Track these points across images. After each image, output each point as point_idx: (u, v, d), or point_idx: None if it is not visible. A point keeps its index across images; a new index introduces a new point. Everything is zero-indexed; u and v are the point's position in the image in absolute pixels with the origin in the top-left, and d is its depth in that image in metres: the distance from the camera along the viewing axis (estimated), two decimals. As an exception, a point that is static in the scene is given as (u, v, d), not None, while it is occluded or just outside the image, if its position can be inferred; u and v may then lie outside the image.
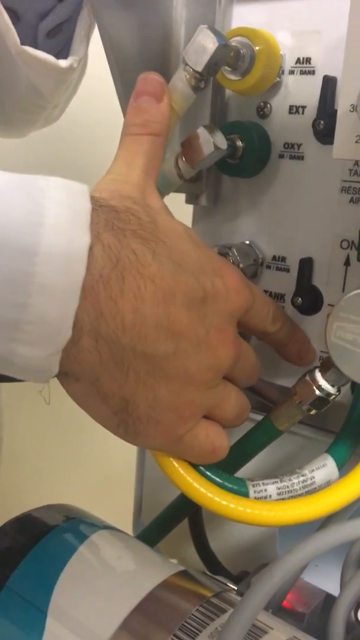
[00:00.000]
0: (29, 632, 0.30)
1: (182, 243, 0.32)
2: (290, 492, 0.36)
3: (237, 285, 0.34)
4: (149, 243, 0.29)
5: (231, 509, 0.34)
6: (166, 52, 0.41)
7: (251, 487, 0.35)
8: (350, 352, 0.33)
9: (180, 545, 0.49)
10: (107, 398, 0.30)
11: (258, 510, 0.34)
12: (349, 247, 0.39)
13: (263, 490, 0.35)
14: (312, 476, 0.36)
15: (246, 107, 0.42)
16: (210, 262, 0.33)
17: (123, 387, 0.29)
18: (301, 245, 0.41)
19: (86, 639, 0.30)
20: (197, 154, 0.37)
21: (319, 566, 0.49)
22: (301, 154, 0.40)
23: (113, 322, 0.28)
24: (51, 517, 0.36)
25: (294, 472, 0.36)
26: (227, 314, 0.33)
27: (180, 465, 0.34)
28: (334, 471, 0.36)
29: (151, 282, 0.29)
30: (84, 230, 0.26)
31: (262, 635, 0.29)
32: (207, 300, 0.32)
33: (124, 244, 0.28)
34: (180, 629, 0.30)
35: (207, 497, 0.34)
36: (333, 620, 0.34)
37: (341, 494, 0.35)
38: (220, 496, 0.34)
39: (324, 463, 0.36)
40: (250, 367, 0.36)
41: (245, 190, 0.43)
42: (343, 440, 0.37)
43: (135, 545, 0.36)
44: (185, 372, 0.31)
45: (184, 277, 0.30)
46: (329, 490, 0.35)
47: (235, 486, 0.35)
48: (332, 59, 0.38)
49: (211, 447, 0.33)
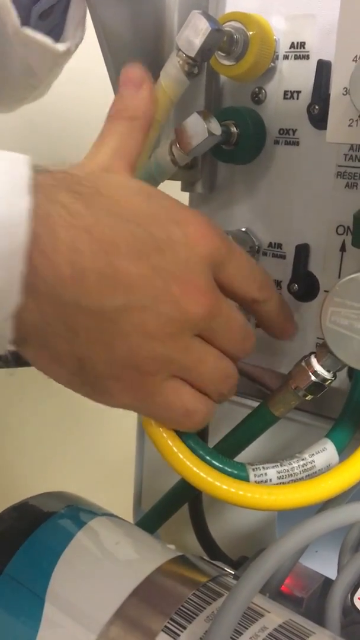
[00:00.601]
0: (27, 618, 0.31)
1: (130, 196, 0.31)
2: (290, 476, 0.36)
3: (203, 233, 0.32)
4: (82, 196, 0.29)
5: (231, 493, 0.34)
6: (159, 38, 0.41)
7: (251, 471, 0.35)
8: (346, 337, 0.33)
9: (181, 532, 0.49)
10: (62, 359, 0.29)
11: (258, 494, 0.34)
12: (345, 232, 0.39)
13: (263, 474, 0.35)
14: (312, 460, 0.36)
15: (241, 93, 0.42)
16: (168, 212, 0.32)
17: (74, 346, 0.29)
18: (297, 232, 0.41)
19: (83, 623, 0.30)
20: (191, 141, 0.37)
21: (318, 552, 0.49)
22: (296, 139, 0.40)
23: (50, 277, 0.27)
24: (49, 504, 0.37)
25: (294, 457, 0.36)
26: (192, 264, 0.31)
27: (179, 450, 0.34)
28: (334, 455, 0.36)
29: (87, 234, 0.28)
30: (22, 195, 0.26)
31: (258, 618, 0.29)
32: (163, 250, 0.30)
33: (52, 199, 0.27)
34: (176, 613, 0.30)
35: (207, 481, 0.34)
36: (329, 605, 0.34)
37: (341, 477, 0.35)
38: (221, 480, 0.34)
39: (323, 447, 0.36)
40: (233, 328, 0.34)
41: (240, 177, 0.43)
42: (343, 425, 0.37)
43: (133, 532, 0.37)
44: (143, 327, 0.29)
45: (127, 227, 0.29)
46: (329, 474, 0.35)
47: (235, 470, 0.35)
48: (326, 43, 0.38)
49: (183, 409, 0.32)
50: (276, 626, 0.29)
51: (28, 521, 0.35)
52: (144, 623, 0.29)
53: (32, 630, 0.30)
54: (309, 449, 0.36)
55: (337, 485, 0.35)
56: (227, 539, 0.49)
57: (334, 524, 0.32)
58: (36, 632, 0.30)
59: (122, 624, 0.29)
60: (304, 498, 0.34)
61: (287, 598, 0.40)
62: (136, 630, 0.29)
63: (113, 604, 0.30)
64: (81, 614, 0.30)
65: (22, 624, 0.31)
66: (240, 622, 0.29)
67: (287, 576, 0.39)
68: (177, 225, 0.31)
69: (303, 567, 0.43)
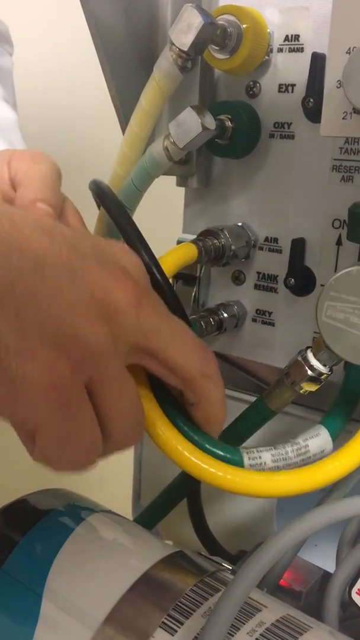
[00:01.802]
0: (24, 615, 0.31)
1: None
2: (284, 460, 0.35)
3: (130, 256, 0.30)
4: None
5: (227, 480, 0.33)
6: (153, 32, 0.41)
7: (245, 455, 0.35)
8: (342, 331, 0.33)
9: (179, 527, 0.49)
10: None
11: (256, 478, 0.33)
12: (341, 226, 0.39)
13: (257, 457, 0.35)
14: (305, 444, 0.36)
15: (235, 86, 0.41)
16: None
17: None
18: (293, 226, 0.41)
19: (81, 620, 0.30)
20: (185, 135, 0.37)
21: (318, 545, 0.49)
22: (291, 133, 0.40)
23: None
24: (47, 501, 0.37)
25: (287, 442, 0.36)
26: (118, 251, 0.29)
27: (175, 438, 0.33)
28: (328, 440, 0.36)
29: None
30: None
31: (255, 613, 0.29)
32: (85, 235, 0.29)
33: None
34: (174, 608, 0.30)
35: (203, 468, 0.33)
36: (328, 598, 0.34)
37: (341, 462, 0.34)
38: (216, 466, 0.33)
39: (317, 432, 0.36)
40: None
41: (236, 172, 0.43)
42: (336, 412, 0.37)
43: (131, 528, 0.37)
44: (60, 293, 0.26)
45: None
46: (327, 460, 0.35)
47: (229, 454, 0.35)
48: (321, 36, 0.37)
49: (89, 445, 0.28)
50: (273, 621, 0.29)
51: (25, 518, 0.35)
52: (141, 619, 0.29)
53: (30, 628, 0.30)
54: (302, 434, 0.36)
55: (337, 470, 0.34)
56: (226, 533, 0.49)
57: (332, 518, 0.32)
58: (33, 630, 0.30)
59: (119, 621, 0.29)
60: (300, 484, 0.34)
61: (286, 592, 0.40)
62: (133, 627, 0.29)
63: (110, 601, 0.30)
64: (78, 611, 0.30)
65: (19, 621, 0.31)
66: (237, 618, 0.29)
67: (286, 570, 0.39)
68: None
69: (302, 561, 0.43)
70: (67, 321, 0.26)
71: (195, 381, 0.31)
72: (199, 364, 0.31)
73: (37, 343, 0.25)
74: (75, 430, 0.27)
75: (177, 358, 0.30)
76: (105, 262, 0.28)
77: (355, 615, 0.36)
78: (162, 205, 0.61)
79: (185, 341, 0.30)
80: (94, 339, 0.26)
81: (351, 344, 0.33)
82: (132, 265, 0.29)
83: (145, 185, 0.40)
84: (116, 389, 0.28)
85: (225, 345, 0.46)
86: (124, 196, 0.40)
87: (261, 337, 0.44)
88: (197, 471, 0.33)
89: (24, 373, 0.25)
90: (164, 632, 0.29)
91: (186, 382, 0.31)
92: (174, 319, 0.30)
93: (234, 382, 0.48)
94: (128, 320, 0.28)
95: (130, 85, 0.40)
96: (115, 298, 0.27)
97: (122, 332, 0.27)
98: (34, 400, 0.26)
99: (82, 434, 0.28)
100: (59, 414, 0.26)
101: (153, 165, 0.38)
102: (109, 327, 0.27)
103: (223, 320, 0.43)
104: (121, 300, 0.27)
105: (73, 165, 0.29)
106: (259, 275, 0.43)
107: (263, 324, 0.44)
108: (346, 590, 0.35)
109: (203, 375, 0.31)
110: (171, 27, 0.35)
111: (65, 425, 0.27)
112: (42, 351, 0.25)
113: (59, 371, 0.26)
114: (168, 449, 0.32)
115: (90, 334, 0.26)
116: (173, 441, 0.32)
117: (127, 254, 0.30)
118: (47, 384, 0.25)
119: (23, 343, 0.25)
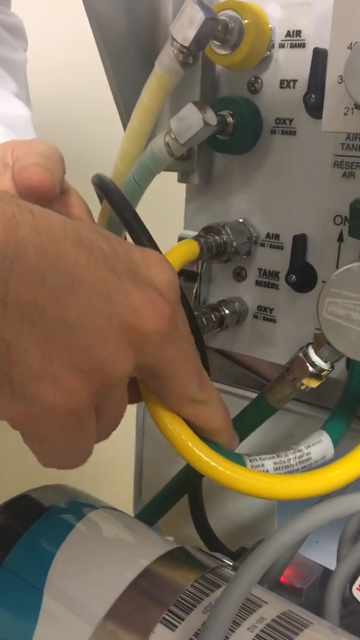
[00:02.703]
0: (25, 611, 0.31)
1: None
2: (287, 467, 0.36)
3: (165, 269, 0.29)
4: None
5: (234, 479, 0.33)
6: (154, 28, 0.40)
7: (248, 462, 0.35)
8: (343, 327, 0.33)
9: (180, 524, 0.49)
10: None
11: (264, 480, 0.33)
12: (342, 222, 0.39)
13: (260, 465, 0.35)
14: (308, 452, 0.36)
15: (237, 82, 0.41)
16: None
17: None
18: (295, 222, 0.41)
19: (81, 615, 0.30)
20: (186, 131, 0.37)
21: (319, 542, 0.49)
22: (293, 129, 0.40)
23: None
24: (48, 497, 0.37)
25: (290, 448, 0.36)
26: (154, 276, 0.28)
27: (183, 432, 0.33)
28: (330, 447, 0.36)
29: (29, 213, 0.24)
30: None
31: (256, 609, 0.29)
32: (119, 255, 0.27)
33: None
34: (174, 604, 0.30)
35: (210, 465, 0.33)
36: (328, 595, 0.34)
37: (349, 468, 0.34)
38: (224, 465, 0.33)
39: (319, 439, 0.36)
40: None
41: (237, 168, 0.43)
42: (338, 417, 0.37)
43: (132, 524, 0.37)
44: (91, 320, 0.25)
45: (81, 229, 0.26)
46: (337, 463, 0.35)
47: (233, 461, 0.35)
48: (322, 31, 0.37)
49: (85, 456, 0.29)
50: (274, 617, 0.29)
51: (27, 514, 0.35)
52: (142, 615, 0.29)
53: (31, 623, 0.30)
54: (305, 441, 0.36)
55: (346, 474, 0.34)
56: (227, 530, 0.49)
57: (332, 515, 0.32)
58: (34, 625, 0.30)
59: (120, 616, 0.30)
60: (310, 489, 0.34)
61: (287, 589, 0.40)
62: (134, 622, 0.29)
63: (111, 596, 0.30)
64: (79, 606, 0.30)
65: (20, 617, 0.31)
66: (238, 614, 0.29)
67: (287, 567, 0.39)
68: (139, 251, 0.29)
69: (302, 558, 0.43)
70: (96, 349, 0.25)
71: (184, 406, 0.32)
72: (192, 391, 0.31)
73: (63, 369, 0.24)
74: (76, 445, 0.28)
75: (176, 385, 0.30)
76: (139, 281, 0.27)
77: (356, 611, 0.36)
78: (163, 201, 0.61)
79: (188, 370, 0.30)
80: (118, 367, 0.26)
81: (352, 340, 0.33)
82: (165, 281, 0.28)
83: (147, 181, 0.40)
84: (116, 407, 0.29)
85: (226, 342, 0.46)
86: (125, 192, 0.40)
87: (262, 333, 0.44)
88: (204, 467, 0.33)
89: (45, 397, 0.24)
90: (164, 628, 0.29)
91: (176, 406, 0.32)
92: (186, 343, 0.30)
93: (235, 379, 0.48)
94: (152, 349, 0.27)
95: (132, 81, 0.40)
96: (146, 325, 0.26)
97: (143, 359, 0.27)
98: (49, 422, 0.25)
99: (81, 448, 0.28)
100: (67, 434, 0.26)
101: (154, 161, 0.38)
102: (134, 355, 0.26)
103: (224, 316, 0.43)
104: (150, 328, 0.27)
105: (74, 161, 0.29)
106: (260, 272, 0.43)
107: (264, 321, 0.43)
108: (347, 587, 0.35)
109: (192, 401, 0.31)
110: (172, 22, 0.35)
111: (68, 442, 0.27)
112: (66, 378, 0.25)
113: (79, 399, 0.25)
114: (178, 444, 0.33)
115: (116, 362, 0.26)
116: (183, 436, 0.33)
117: (160, 268, 0.28)
118: (65, 410, 0.25)
119: (49, 369, 0.24)
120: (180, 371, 0.30)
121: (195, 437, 0.33)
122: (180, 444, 0.33)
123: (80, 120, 0.92)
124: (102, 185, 0.36)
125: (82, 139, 0.92)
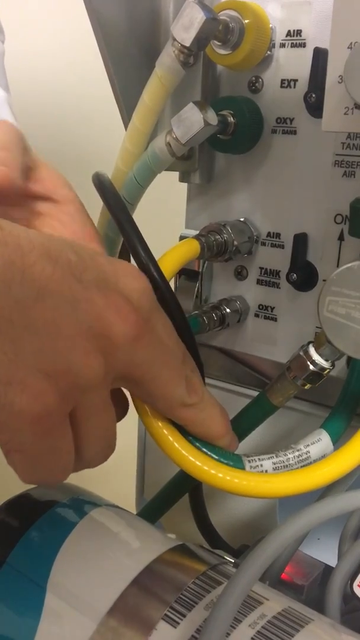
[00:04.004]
0: (28, 608, 0.31)
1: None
2: (286, 467, 0.36)
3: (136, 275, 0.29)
4: None
5: (227, 481, 0.34)
6: (155, 28, 0.41)
7: (247, 463, 0.36)
8: (344, 326, 0.33)
9: (182, 521, 0.49)
10: None
11: (254, 482, 0.34)
12: (343, 221, 0.39)
13: (259, 465, 0.36)
14: (307, 451, 0.36)
15: (237, 82, 0.41)
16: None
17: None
18: (295, 221, 0.41)
19: (84, 612, 0.30)
20: (187, 131, 0.37)
21: (320, 539, 0.50)
22: (294, 128, 0.40)
23: None
24: (51, 494, 0.37)
25: (289, 447, 0.36)
26: (124, 282, 0.28)
27: (176, 440, 0.34)
28: (329, 445, 0.36)
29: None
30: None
31: (257, 606, 0.30)
32: (87, 266, 0.27)
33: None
34: (176, 601, 0.30)
35: (204, 470, 0.34)
36: (329, 592, 0.35)
37: (337, 464, 0.35)
38: (216, 469, 0.34)
39: (318, 438, 0.37)
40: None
41: (238, 167, 0.43)
42: (337, 415, 0.37)
43: (134, 521, 0.37)
44: (57, 327, 0.25)
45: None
46: (325, 461, 0.35)
47: (231, 462, 0.35)
48: (323, 31, 0.37)
49: (64, 468, 0.29)
50: (275, 613, 0.29)
51: (29, 512, 0.35)
52: (144, 611, 0.30)
53: (34, 620, 0.31)
54: (304, 440, 0.36)
55: (333, 472, 0.35)
56: (228, 527, 0.49)
57: (333, 512, 0.32)
58: (37, 622, 0.30)
59: (122, 613, 0.30)
60: (300, 485, 0.34)
61: (288, 586, 0.41)
62: (136, 619, 0.29)
63: (114, 593, 0.30)
64: (82, 603, 0.31)
65: (23, 614, 0.31)
66: (239, 610, 0.29)
67: (287, 564, 0.39)
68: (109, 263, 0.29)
69: (303, 555, 0.43)
70: (63, 354, 0.25)
71: (175, 411, 0.32)
72: (180, 395, 0.31)
73: (29, 374, 0.25)
74: (52, 454, 0.28)
75: (159, 389, 0.30)
76: (108, 291, 0.27)
77: (357, 608, 0.36)
78: (164, 201, 0.61)
79: (170, 374, 0.30)
80: (87, 372, 0.26)
81: (353, 338, 0.33)
82: (136, 290, 0.28)
83: (148, 181, 0.40)
84: (97, 417, 0.29)
85: (227, 341, 0.46)
86: (126, 192, 0.40)
87: (263, 332, 0.44)
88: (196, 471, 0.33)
89: (12, 402, 0.25)
90: (166, 624, 0.29)
91: (167, 411, 0.32)
92: (167, 347, 0.30)
93: (236, 377, 0.48)
94: (123, 354, 0.28)
95: (133, 81, 0.40)
96: (114, 331, 0.27)
97: (115, 365, 0.28)
98: (19, 427, 0.26)
99: (58, 458, 0.28)
100: (41, 439, 0.26)
101: (155, 160, 0.38)
102: (104, 361, 0.27)
103: (225, 315, 0.44)
104: (119, 334, 0.27)
105: (75, 161, 0.29)
106: (262, 271, 0.43)
107: (265, 319, 0.44)
108: (348, 584, 0.35)
109: (183, 405, 0.31)
110: (173, 22, 0.36)
111: (44, 450, 0.27)
112: (33, 382, 0.25)
113: (47, 402, 0.25)
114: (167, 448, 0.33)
115: (84, 367, 0.26)
116: (171, 439, 0.33)
117: (132, 278, 0.29)
118: (34, 414, 0.25)
119: (15, 373, 0.25)
120: (160, 375, 0.30)
121: (186, 442, 0.33)
122: (172, 450, 0.33)
123: (81, 120, 0.92)
124: (99, 184, 0.36)
125: (84, 139, 0.92)
